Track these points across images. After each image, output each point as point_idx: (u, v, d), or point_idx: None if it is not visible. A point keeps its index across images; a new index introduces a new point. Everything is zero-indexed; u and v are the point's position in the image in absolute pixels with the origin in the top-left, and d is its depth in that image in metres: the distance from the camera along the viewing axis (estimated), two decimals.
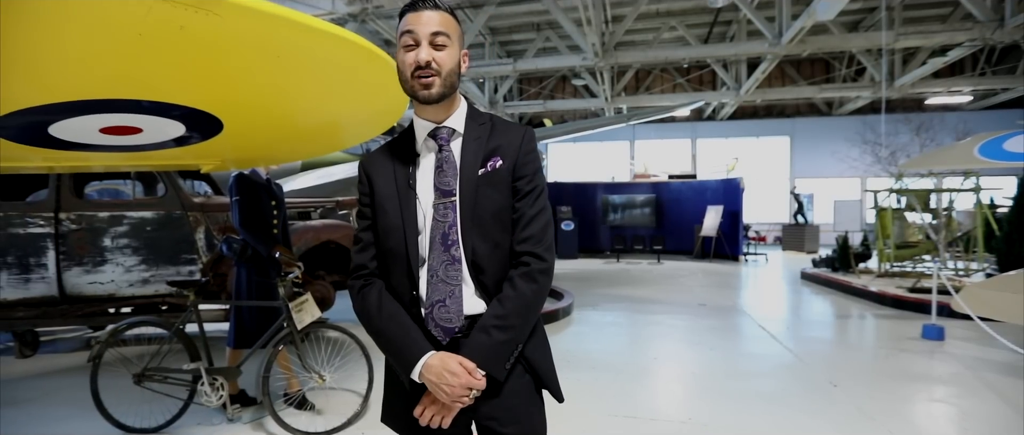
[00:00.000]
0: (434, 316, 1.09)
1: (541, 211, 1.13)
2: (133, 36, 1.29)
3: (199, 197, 4.30)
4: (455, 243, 1.09)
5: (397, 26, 1.13)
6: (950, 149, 5.12)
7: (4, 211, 3.81)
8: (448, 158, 1.12)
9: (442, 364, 1.05)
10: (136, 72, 1.50)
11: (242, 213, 2.90)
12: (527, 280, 1.08)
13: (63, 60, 1.36)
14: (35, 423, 2.93)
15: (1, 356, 4.32)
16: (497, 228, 1.11)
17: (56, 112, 1.60)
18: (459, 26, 1.14)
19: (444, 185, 1.11)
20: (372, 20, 10.13)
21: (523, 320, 1.08)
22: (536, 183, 1.14)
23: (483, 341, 1.06)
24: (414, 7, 1.08)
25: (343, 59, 1.68)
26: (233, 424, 2.84)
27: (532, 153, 1.15)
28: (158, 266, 4.08)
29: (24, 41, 1.25)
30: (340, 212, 4.94)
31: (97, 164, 3.02)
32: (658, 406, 3.27)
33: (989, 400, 3.24)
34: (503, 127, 1.18)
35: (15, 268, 3.80)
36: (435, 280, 1.09)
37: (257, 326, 2.91)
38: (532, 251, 1.10)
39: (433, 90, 1.06)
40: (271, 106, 1.96)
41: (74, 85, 1.48)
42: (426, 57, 1.05)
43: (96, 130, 1.81)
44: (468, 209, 1.09)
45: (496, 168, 1.12)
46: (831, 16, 8.18)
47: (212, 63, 1.55)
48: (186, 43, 1.37)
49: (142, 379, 2.68)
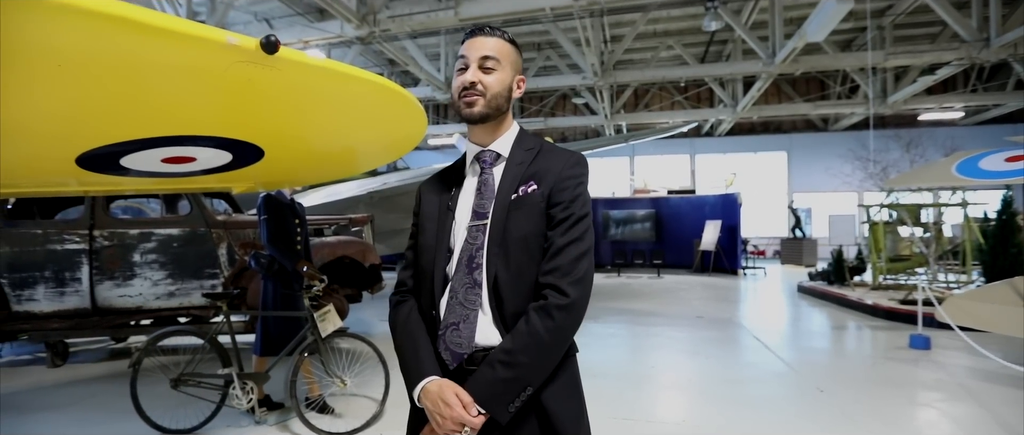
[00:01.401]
0: (446, 338, 1.06)
1: (574, 242, 1.05)
2: (211, 87, 1.58)
3: (221, 215, 4.57)
4: (479, 267, 1.06)
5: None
6: (930, 167, 5.39)
7: (43, 229, 4.09)
8: (487, 181, 1.12)
9: (439, 392, 1.01)
10: (205, 114, 1.77)
11: (270, 231, 3.17)
12: (542, 316, 1.00)
13: (153, 105, 1.64)
14: (75, 425, 3.15)
15: (34, 366, 4.54)
16: (523, 256, 1.05)
17: (135, 147, 1.87)
18: (516, 53, 1.15)
19: (480, 208, 1.10)
20: (379, 42, 10.52)
21: (532, 359, 0.99)
22: (572, 212, 1.07)
23: (486, 376, 0.99)
24: (472, 34, 1.13)
25: (371, 96, 1.96)
26: (260, 426, 3.06)
27: (571, 179, 1.10)
28: (183, 280, 4.33)
29: (128, 89, 1.53)
30: (353, 229, 5.20)
31: (129, 188, 3.31)
32: (655, 410, 3.49)
33: (967, 403, 3.45)
34: (549, 153, 1.14)
35: (52, 282, 4.05)
36: (454, 302, 1.07)
37: (282, 335, 3.14)
38: (554, 284, 1.02)
39: (475, 109, 1.09)
40: (307, 137, 2.24)
41: (157, 125, 1.75)
42: (471, 78, 1.09)
43: (159, 160, 2.08)
44: (497, 233, 1.07)
45: (528, 193, 1.08)
46: (821, 37, 8.52)
47: (264, 104, 1.82)
48: (249, 90, 1.65)
49: (178, 383, 2.92)
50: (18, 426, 3.13)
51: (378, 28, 9.76)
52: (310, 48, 10.44)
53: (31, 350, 5.01)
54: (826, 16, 7.73)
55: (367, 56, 13.36)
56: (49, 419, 3.25)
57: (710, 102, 16.14)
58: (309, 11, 11.32)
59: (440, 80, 12.34)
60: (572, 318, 1.02)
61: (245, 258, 4.43)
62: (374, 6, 9.04)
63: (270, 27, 11.92)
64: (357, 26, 9.57)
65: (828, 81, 15.29)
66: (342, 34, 9.95)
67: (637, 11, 10.02)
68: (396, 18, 9.31)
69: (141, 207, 6.51)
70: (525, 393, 0.99)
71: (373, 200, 7.18)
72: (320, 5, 10.15)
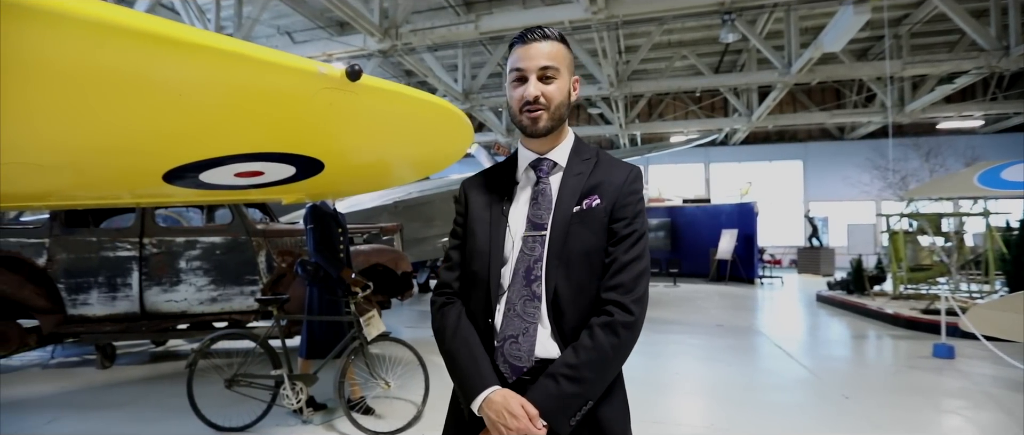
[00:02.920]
0: (505, 351, 1.05)
1: (636, 259, 1.05)
2: (296, 111, 1.75)
3: (260, 224, 4.78)
4: (538, 280, 1.05)
5: (507, 59, 1.14)
6: (951, 177, 5.43)
7: (97, 236, 4.32)
8: (544, 191, 1.10)
9: (504, 403, 1.00)
10: (281, 133, 1.95)
11: (316, 239, 3.35)
12: (607, 332, 1.00)
13: (240, 127, 1.82)
14: (133, 423, 3.34)
15: (82, 367, 4.77)
16: (585, 270, 1.05)
17: (215, 163, 2.05)
18: (569, 53, 1.12)
19: (537, 218, 1.08)
20: (400, 55, 10.80)
21: (596, 374, 1.00)
22: (635, 228, 1.06)
23: (550, 389, 0.99)
24: (523, 39, 1.08)
25: (427, 115, 2.13)
26: (307, 425, 3.22)
27: (634, 195, 1.09)
28: (225, 286, 4.53)
29: (222, 113, 1.71)
30: (384, 238, 5.38)
31: (179, 199, 3.52)
32: (681, 414, 3.59)
33: (992, 411, 3.49)
34: (608, 164, 1.13)
35: (104, 287, 4.28)
36: (512, 314, 1.05)
37: (327, 339, 3.31)
38: (618, 301, 1.02)
39: (541, 124, 1.07)
40: (365, 151, 2.41)
41: (239, 144, 1.94)
42: (534, 92, 1.05)
43: (232, 175, 2.27)
44: (557, 246, 1.05)
45: (592, 207, 1.07)
46: (838, 48, 8.60)
47: (331, 122, 2.00)
48: (326, 112, 1.83)
49: (232, 383, 3.09)
50: (80, 424, 3.33)
51: (400, 41, 10.04)
52: (333, 61, 10.76)
53: (78, 352, 5.25)
54: (843, 26, 7.82)
55: (385, 67, 13.66)
56: (108, 417, 3.44)
57: (725, 111, 16.19)
58: (330, 24, 11.66)
59: (457, 91, 12.59)
60: (634, 336, 1.03)
61: (282, 265, 4.62)
62: (396, 20, 9.30)
63: (292, 40, 12.29)
64: (380, 40, 9.84)
65: (844, 90, 15.27)
66: (365, 48, 10.25)
67: (653, 22, 10.18)
68: (417, 32, 9.57)
69: (178, 216, 6.78)
70: (586, 407, 1.01)
71: (397, 209, 7.38)
72: (341, 19, 10.49)
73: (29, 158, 1.77)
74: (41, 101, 1.38)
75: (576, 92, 1.14)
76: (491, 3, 10.72)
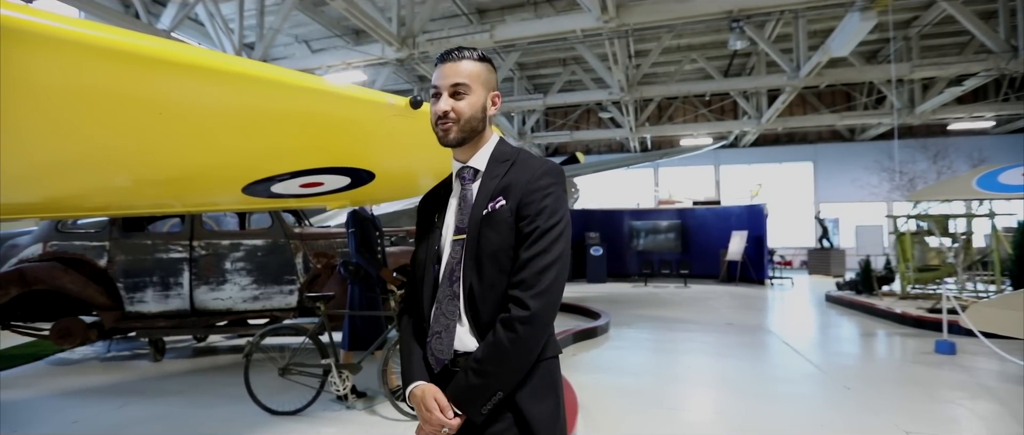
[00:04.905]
0: (432, 345, 1.16)
1: (538, 255, 1.10)
2: (362, 133, 2.08)
3: (297, 228, 5.13)
4: (458, 279, 1.14)
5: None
6: (952, 181, 5.63)
7: (152, 239, 4.70)
8: (466, 196, 1.19)
9: (422, 396, 1.12)
10: (347, 151, 2.28)
11: (357, 242, 3.68)
12: (505, 328, 1.08)
13: (313, 147, 2.15)
14: (192, 407, 3.69)
15: (134, 360, 5.16)
16: (494, 269, 1.13)
17: (286, 177, 2.39)
18: (486, 70, 1.19)
19: (461, 222, 1.17)
20: (417, 64, 11.17)
21: (498, 367, 1.08)
22: (537, 225, 1.12)
23: (461, 381, 1.10)
24: (443, 58, 1.18)
25: None
26: (351, 411, 3.55)
27: (537, 192, 1.14)
28: (265, 285, 4.89)
29: (301, 137, 2.04)
30: (409, 240, 5.72)
31: (225, 207, 3.88)
32: (694, 402, 3.86)
33: (988, 401, 3.72)
34: (523, 166, 1.18)
35: (158, 286, 4.66)
36: (438, 312, 1.16)
37: (367, 332, 3.64)
38: (517, 296, 1.09)
39: (450, 136, 1.16)
40: (411, 163, 2.74)
41: (309, 160, 2.27)
42: (444, 107, 1.15)
43: (298, 186, 2.60)
44: (471, 248, 1.14)
45: (497, 209, 1.14)
46: (846, 52, 8.78)
47: (390, 142, 2.32)
48: (386, 133, 2.15)
49: (285, 372, 3.43)
50: (147, 408, 3.69)
51: (417, 50, 10.41)
52: (352, 69, 11.16)
53: (128, 347, 5.65)
54: (850, 32, 8.00)
55: (399, 73, 14.07)
56: (170, 402, 3.81)
57: (734, 114, 16.35)
58: (346, 33, 12.03)
59: None
60: (533, 329, 1.08)
61: (317, 266, 4.97)
62: (413, 29, 9.64)
63: (309, 49, 12.74)
64: (397, 49, 10.21)
65: (854, 92, 15.36)
66: (383, 56, 10.59)
67: (663, 28, 10.43)
68: (434, 40, 9.91)
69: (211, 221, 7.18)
70: (496, 397, 1.09)
71: (413, 213, 7.72)
72: (358, 27, 10.89)
73: (148, 175, 2.12)
74: (176, 134, 1.72)
75: (495, 107, 1.21)
76: (503, 10, 11.04)
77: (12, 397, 3.98)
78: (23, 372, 4.78)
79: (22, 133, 1.56)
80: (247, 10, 9.61)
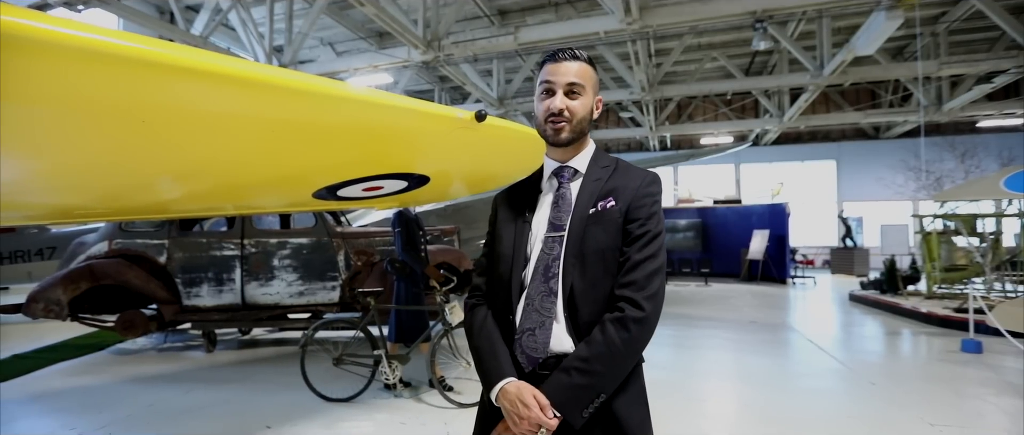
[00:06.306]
0: (523, 342, 1.12)
1: (649, 258, 1.10)
2: (430, 142, 2.30)
3: (339, 226, 5.41)
4: (555, 276, 1.12)
5: (536, 74, 1.27)
6: (979, 181, 5.65)
7: (206, 237, 5.03)
8: (565, 195, 1.19)
9: (518, 393, 1.07)
10: (409, 158, 2.51)
11: (403, 241, 3.92)
12: (618, 327, 1.05)
13: (380, 155, 2.38)
14: (252, 393, 3.99)
15: (188, 351, 5.51)
16: (599, 268, 1.11)
17: (354, 182, 2.63)
18: (595, 75, 1.21)
19: (557, 220, 1.17)
20: (442, 66, 11.42)
21: (607, 368, 1.05)
22: (648, 229, 1.12)
23: (562, 381, 1.05)
24: (555, 58, 1.18)
25: (519, 141, 2.65)
26: (399, 398, 3.80)
27: (648, 197, 1.15)
28: (310, 281, 5.18)
29: (373, 147, 2.27)
30: (444, 239, 5.96)
31: (271, 209, 4.16)
32: (722, 396, 4.02)
33: (1013, 398, 3.81)
34: (625, 171, 1.21)
35: (213, 281, 4.98)
36: (530, 309, 1.13)
37: (413, 326, 3.89)
38: (631, 297, 1.07)
39: (563, 135, 1.16)
40: (465, 168, 2.97)
41: (374, 167, 2.50)
42: (560, 105, 1.14)
43: (361, 190, 2.84)
44: (574, 246, 1.13)
45: (607, 208, 1.14)
46: (871, 51, 8.75)
47: (448, 150, 2.54)
48: (449, 143, 2.37)
49: (339, 362, 3.69)
50: (211, 393, 4.00)
51: (442, 53, 10.65)
52: (379, 71, 11.46)
53: (181, 339, 6.01)
54: (876, 30, 7.98)
55: (421, 74, 14.33)
56: (230, 388, 4.11)
57: (755, 112, 16.25)
58: (370, 35, 12.32)
59: (492, 96, 13.12)
60: (645, 331, 1.07)
61: (358, 263, 5.24)
62: (438, 32, 9.86)
63: (334, 52, 13.09)
64: (423, 52, 10.46)
65: (879, 89, 15.15)
66: (409, 59, 10.86)
67: (685, 28, 10.49)
68: (459, 43, 10.12)
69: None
70: (599, 400, 1.05)
71: (446, 212, 7.97)
72: (382, 30, 11.16)
73: (233, 182, 2.37)
74: (258, 146, 1.96)
75: (598, 109, 1.23)
76: (524, 12, 11.21)
77: (89, 383, 4.33)
78: (91, 360, 5.16)
79: (140, 153, 1.80)
80: (276, 14, 9.94)
